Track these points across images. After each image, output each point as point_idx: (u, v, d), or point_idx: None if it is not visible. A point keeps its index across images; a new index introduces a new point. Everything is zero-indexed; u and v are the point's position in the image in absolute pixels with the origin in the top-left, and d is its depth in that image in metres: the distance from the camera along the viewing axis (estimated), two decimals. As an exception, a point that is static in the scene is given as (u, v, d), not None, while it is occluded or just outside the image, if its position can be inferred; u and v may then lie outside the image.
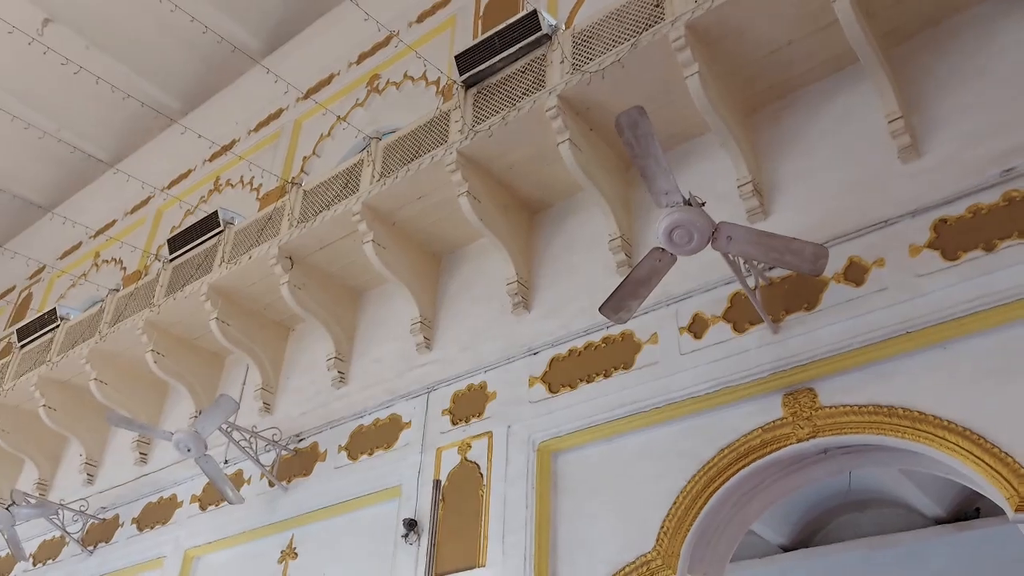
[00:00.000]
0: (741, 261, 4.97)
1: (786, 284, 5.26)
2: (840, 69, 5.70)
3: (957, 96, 5.17)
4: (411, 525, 6.06)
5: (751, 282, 5.18)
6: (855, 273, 5.02)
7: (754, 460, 4.94)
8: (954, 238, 4.74)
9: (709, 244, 4.58)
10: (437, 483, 6.18)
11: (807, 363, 4.95)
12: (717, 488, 5.00)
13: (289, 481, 7.33)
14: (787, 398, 4.97)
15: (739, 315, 5.39)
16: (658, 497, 5.20)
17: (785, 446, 4.85)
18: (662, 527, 5.08)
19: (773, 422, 4.96)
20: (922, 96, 5.30)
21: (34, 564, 9.36)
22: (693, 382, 5.36)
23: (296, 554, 6.96)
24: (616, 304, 4.97)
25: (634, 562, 5.09)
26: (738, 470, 4.97)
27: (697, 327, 5.56)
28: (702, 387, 5.31)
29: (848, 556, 9.32)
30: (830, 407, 4.79)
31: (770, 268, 5.25)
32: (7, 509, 8.28)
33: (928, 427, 4.42)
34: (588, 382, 5.90)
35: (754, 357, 5.18)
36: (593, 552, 5.33)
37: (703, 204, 4.60)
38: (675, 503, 5.11)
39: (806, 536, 9.98)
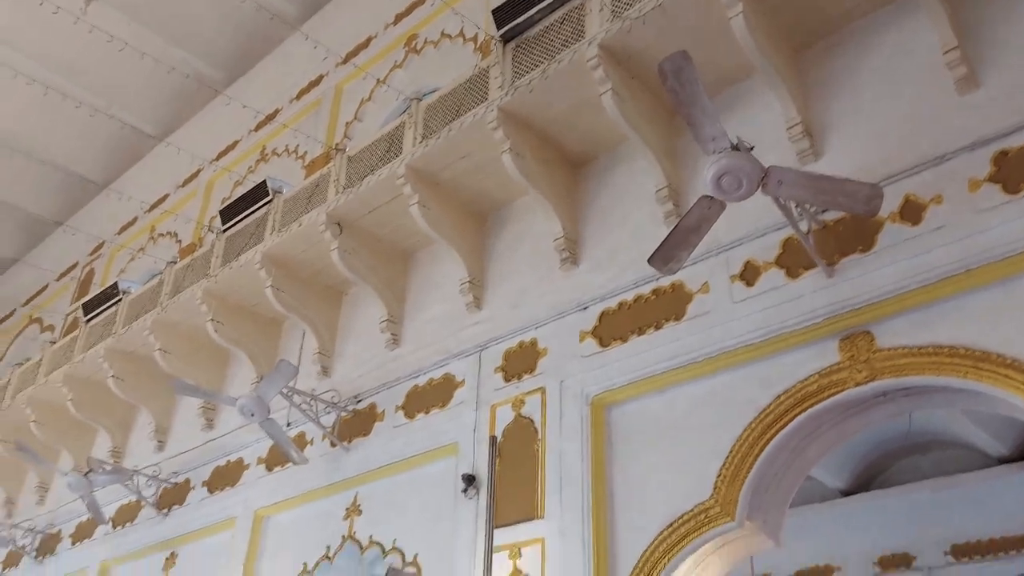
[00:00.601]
0: (793, 205, 4.88)
1: (840, 226, 5.15)
2: (890, 1, 5.48)
3: (1015, 24, 4.93)
4: (469, 480, 6.19)
5: (804, 226, 5.08)
6: (912, 212, 4.89)
7: (811, 406, 4.90)
8: (1016, 170, 4.57)
9: (759, 189, 4.49)
10: (493, 439, 6.28)
11: (863, 306, 4.86)
12: (774, 435, 4.98)
13: (350, 441, 7.52)
14: (844, 342, 4.90)
15: (792, 260, 5.30)
16: (714, 446, 5.20)
17: (843, 390, 4.79)
18: (719, 475, 5.10)
19: (830, 367, 4.90)
20: (978, 25, 5.06)
21: (113, 527, 9.82)
22: (747, 330, 5.31)
23: (361, 511, 7.17)
24: (665, 255, 4.92)
25: (692, 510, 5.12)
26: (795, 416, 4.93)
27: (749, 274, 5.49)
28: (756, 335, 5.26)
29: (910, 499, 9.25)
30: (888, 349, 4.71)
31: (823, 211, 5.14)
32: (85, 476, 8.67)
33: (991, 366, 4.32)
34: (639, 334, 5.89)
35: (808, 302, 5.10)
36: (650, 502, 5.38)
37: (751, 149, 4.50)
38: (732, 451, 5.11)
39: (866, 480, 9.92)
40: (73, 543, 10.50)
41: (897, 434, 9.01)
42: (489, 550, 5.82)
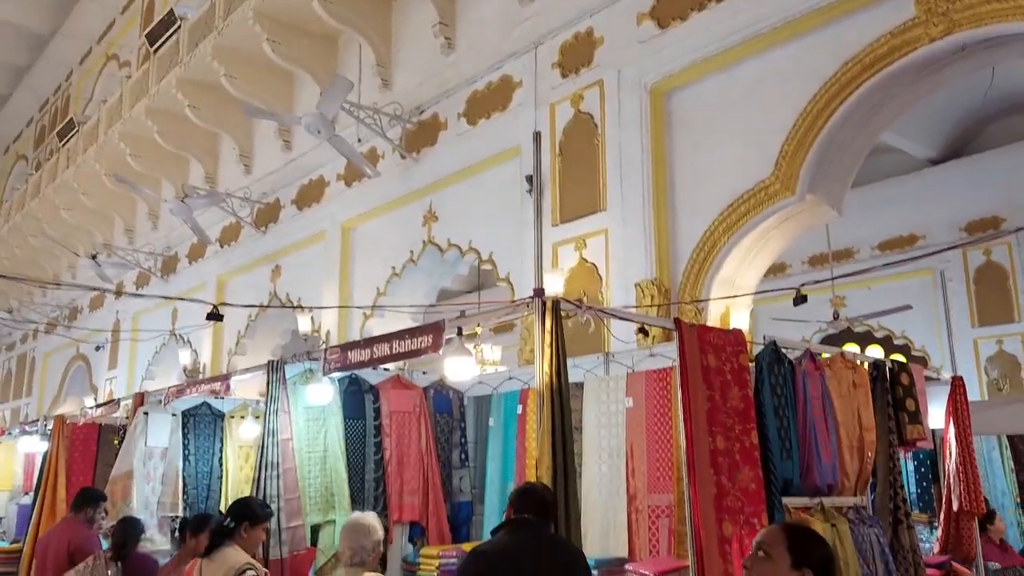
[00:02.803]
0: None
1: None
2: None
3: None
4: (532, 180, 6.26)
5: None
6: None
7: (881, 69, 4.58)
8: None
9: None
10: (552, 138, 6.22)
11: (948, -52, 4.30)
12: (840, 104, 4.75)
13: (418, 152, 7.63)
14: (921, -6, 4.42)
15: (870, -98, 4.65)
16: (776, 122, 5.02)
17: (916, 48, 4.43)
18: (781, 151, 4.97)
19: (903, 24, 4.49)
20: None
21: (221, 246, 10.66)
22: (815, -7, 4.85)
23: (436, 217, 7.47)
24: (720, -87, 4.38)
25: (752, 188, 5.09)
26: (863, 82, 4.64)
27: (820, -75, 4.88)
28: (825, -3, 4.81)
29: (1001, 162, 8.86)
30: (970, -2, 4.24)
31: None
32: (183, 201, 9.23)
33: (1089, 6, 3.85)
34: (700, 10, 5.49)
35: (886, -50, 4.56)
36: (710, 184, 5.36)
37: None
38: (794, 126, 4.92)
39: (957, 147, 9.49)
40: (190, 262, 11.54)
41: (988, 98, 8.39)
42: (551, 244, 6.05)
